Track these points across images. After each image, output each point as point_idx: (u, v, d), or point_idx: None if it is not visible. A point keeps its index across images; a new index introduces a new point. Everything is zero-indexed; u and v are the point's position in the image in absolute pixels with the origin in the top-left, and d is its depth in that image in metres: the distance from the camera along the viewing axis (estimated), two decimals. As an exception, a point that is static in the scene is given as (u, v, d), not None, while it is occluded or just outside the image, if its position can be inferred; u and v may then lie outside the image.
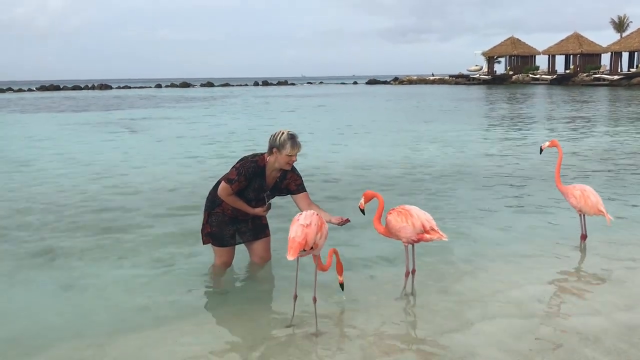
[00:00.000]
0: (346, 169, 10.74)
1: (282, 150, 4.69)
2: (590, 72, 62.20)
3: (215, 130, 19.23)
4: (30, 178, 10.21)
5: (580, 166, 10.72)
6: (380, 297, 4.58)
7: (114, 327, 4.10)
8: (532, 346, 3.69)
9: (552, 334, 3.86)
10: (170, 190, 8.89)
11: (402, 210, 4.56)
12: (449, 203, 7.76)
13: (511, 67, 71.36)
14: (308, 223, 4.00)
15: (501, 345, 3.71)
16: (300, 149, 4.76)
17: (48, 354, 3.73)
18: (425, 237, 4.46)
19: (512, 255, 5.53)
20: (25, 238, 6.36)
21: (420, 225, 4.43)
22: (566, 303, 4.43)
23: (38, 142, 16.36)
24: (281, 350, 3.75)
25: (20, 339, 3.94)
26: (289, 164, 4.78)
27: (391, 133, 17.44)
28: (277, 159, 4.74)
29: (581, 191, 5.58)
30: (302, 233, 3.94)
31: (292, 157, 4.73)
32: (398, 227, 4.49)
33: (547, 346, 3.69)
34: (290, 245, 3.91)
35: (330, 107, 32.67)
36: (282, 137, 4.69)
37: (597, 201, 5.52)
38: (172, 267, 5.34)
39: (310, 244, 3.99)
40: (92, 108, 34.63)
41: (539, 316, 4.14)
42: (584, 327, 3.93)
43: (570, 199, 5.67)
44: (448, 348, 3.69)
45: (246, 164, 4.80)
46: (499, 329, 3.93)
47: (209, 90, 70.92)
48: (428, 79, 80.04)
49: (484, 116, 24.00)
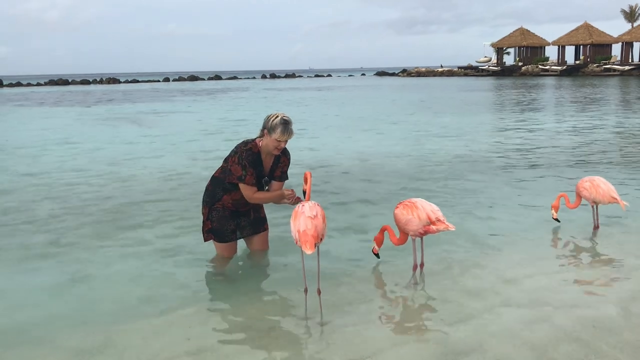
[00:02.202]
0: (353, 162, 10.68)
1: (272, 134, 4.58)
2: (600, 63, 61.64)
3: (222, 122, 19.20)
4: (37, 170, 10.21)
5: (593, 154, 10.58)
6: (387, 288, 4.51)
7: (120, 316, 4.07)
8: (544, 337, 3.61)
9: (565, 324, 3.77)
10: (177, 182, 8.86)
11: (408, 203, 4.54)
12: (459, 193, 7.66)
13: (520, 58, 70.83)
14: (314, 214, 3.94)
15: (513, 336, 3.62)
16: (291, 136, 4.64)
17: (54, 344, 3.69)
18: (431, 229, 4.42)
19: (523, 245, 5.44)
20: (32, 229, 6.35)
21: (425, 217, 4.40)
22: (579, 293, 4.34)
23: (45, 134, 16.40)
24: (287, 340, 3.70)
25: (26, 329, 3.92)
26: (277, 149, 4.67)
27: (400, 124, 17.33)
28: (267, 141, 4.64)
29: (590, 182, 5.58)
30: (312, 225, 3.88)
31: (280, 142, 4.62)
32: (404, 220, 4.48)
33: (561, 337, 3.60)
34: (304, 239, 3.84)
35: (338, 100, 32.56)
36: (275, 120, 4.58)
37: (609, 189, 5.51)
38: (178, 258, 5.30)
39: (320, 235, 3.93)
40: (100, 102, 34.72)
41: (551, 306, 4.05)
42: (599, 318, 3.84)
43: (582, 192, 5.61)
44: (458, 339, 3.61)
45: (243, 154, 4.70)
46: (511, 320, 3.85)
47: (217, 83, 70.93)
48: (437, 70, 79.59)
49: (492, 107, 23.82)
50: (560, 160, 10.22)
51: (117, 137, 15.57)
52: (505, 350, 3.45)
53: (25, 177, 9.55)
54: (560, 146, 11.96)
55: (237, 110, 24.93)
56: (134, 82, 77.05)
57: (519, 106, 23.70)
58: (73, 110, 27.01)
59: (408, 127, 16.51)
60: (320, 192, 7.81)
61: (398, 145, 12.62)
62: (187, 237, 5.87)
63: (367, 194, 7.80)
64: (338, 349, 3.54)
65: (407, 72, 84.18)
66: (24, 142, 14.54)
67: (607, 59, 63.83)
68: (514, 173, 9.08)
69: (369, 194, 7.73)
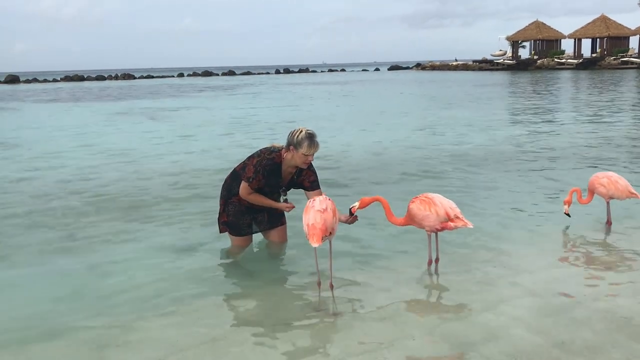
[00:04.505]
0: (366, 155, 10.68)
1: (299, 149, 4.67)
2: (618, 56, 60.81)
3: (236, 118, 19.26)
4: (54, 164, 10.34)
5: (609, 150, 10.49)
6: (402, 282, 4.52)
7: (136, 308, 4.12)
8: (557, 326, 3.62)
9: (581, 315, 3.77)
10: (192, 177, 8.92)
11: (425, 198, 4.46)
12: (472, 188, 7.65)
13: (536, 51, 70.06)
14: (324, 208, 3.97)
15: (528, 327, 3.63)
16: (317, 149, 4.74)
17: (71, 336, 3.75)
18: (449, 225, 4.39)
19: (537, 239, 5.42)
20: (49, 223, 6.44)
21: (444, 214, 4.35)
22: (593, 286, 4.32)
23: (61, 129, 16.56)
24: (299, 332, 3.73)
25: (44, 322, 3.98)
26: (305, 163, 4.77)
27: (415, 119, 17.27)
28: (294, 156, 4.73)
29: (607, 178, 5.54)
30: (320, 219, 3.91)
31: (308, 156, 4.71)
32: (421, 215, 4.41)
33: (574, 327, 3.60)
34: (312, 233, 3.88)
35: (352, 95, 32.50)
36: (300, 135, 4.66)
37: (626, 184, 5.52)
38: (193, 251, 5.36)
39: (329, 229, 3.95)
40: (115, 97, 34.97)
41: (565, 298, 4.05)
42: (613, 309, 3.84)
43: (599, 189, 5.56)
44: (472, 330, 3.62)
45: (263, 160, 4.80)
46: (525, 311, 3.85)
47: (231, 78, 71.08)
48: (451, 64, 79.04)
49: (507, 102, 23.64)
50: (575, 155, 10.14)
51: (133, 132, 15.69)
52: (520, 341, 3.45)
53: (42, 171, 9.67)
54: (575, 141, 11.86)
55: (253, 106, 24.97)
56: (148, 78, 77.45)
57: (535, 100, 23.49)
58: (88, 106, 27.26)
59: (421, 121, 16.44)
60: (332, 184, 7.84)
61: (411, 138, 12.58)
62: (202, 231, 5.93)
63: (380, 186, 7.80)
64: (351, 341, 3.56)
65: (422, 66, 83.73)
66: (39, 138, 14.70)
67: (624, 51, 62.91)
68: (528, 167, 9.03)
69: (382, 187, 7.74)
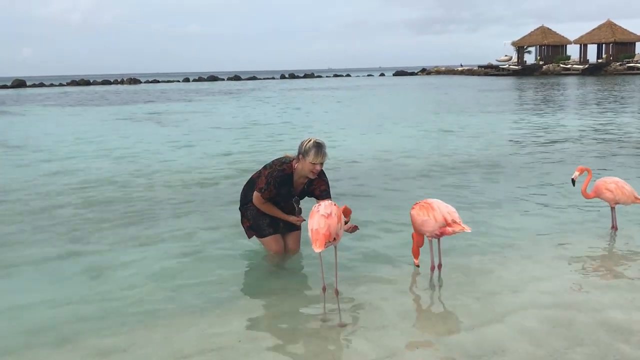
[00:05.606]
0: (372, 161, 10.70)
1: (307, 158, 4.80)
2: (624, 61, 60.64)
3: (241, 123, 19.32)
4: (60, 168, 10.38)
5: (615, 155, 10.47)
6: (405, 289, 4.53)
7: (142, 315, 4.14)
8: (564, 339, 3.60)
9: (585, 327, 3.75)
10: (199, 182, 8.96)
11: (424, 204, 4.54)
12: (476, 193, 7.64)
13: (541, 57, 69.91)
14: (329, 213, 3.98)
15: (532, 338, 3.62)
16: (325, 159, 4.84)
17: (76, 342, 3.76)
18: (447, 231, 4.43)
19: (542, 246, 5.42)
20: (55, 228, 6.47)
21: (442, 219, 4.40)
22: (599, 296, 4.29)
23: (68, 134, 16.63)
24: (305, 340, 3.73)
25: (48, 327, 3.99)
26: (313, 172, 4.87)
27: (420, 124, 17.27)
28: (303, 166, 4.86)
29: (615, 183, 5.58)
30: (325, 224, 3.92)
31: (315, 165, 4.82)
32: (420, 221, 4.50)
33: (580, 340, 3.58)
34: (315, 238, 3.89)
35: (357, 100, 32.52)
36: (308, 144, 4.81)
37: (632, 190, 5.56)
38: (200, 257, 5.37)
39: (334, 234, 3.96)
40: (121, 102, 35.10)
41: (570, 309, 4.03)
42: (619, 320, 3.82)
43: (605, 194, 5.57)
44: (476, 340, 3.61)
45: (274, 172, 4.95)
46: (530, 322, 3.84)
47: (236, 83, 71.20)
48: (456, 69, 78.97)
49: (512, 107, 23.60)
50: (581, 161, 10.12)
51: (140, 136, 15.74)
52: (525, 352, 3.44)
53: (49, 176, 9.72)
54: (582, 147, 11.85)
55: (259, 111, 25.02)
56: (154, 82, 77.72)
57: (541, 105, 23.45)
58: (94, 110, 27.37)
59: (427, 126, 16.45)
60: (338, 191, 7.85)
61: (416, 144, 12.58)
62: (209, 237, 5.95)
63: (385, 192, 7.82)
64: (355, 349, 3.57)
65: (427, 71, 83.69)
66: (46, 142, 14.77)
67: (630, 57, 62.72)
68: (533, 174, 9.01)
69: (387, 193, 7.75)
